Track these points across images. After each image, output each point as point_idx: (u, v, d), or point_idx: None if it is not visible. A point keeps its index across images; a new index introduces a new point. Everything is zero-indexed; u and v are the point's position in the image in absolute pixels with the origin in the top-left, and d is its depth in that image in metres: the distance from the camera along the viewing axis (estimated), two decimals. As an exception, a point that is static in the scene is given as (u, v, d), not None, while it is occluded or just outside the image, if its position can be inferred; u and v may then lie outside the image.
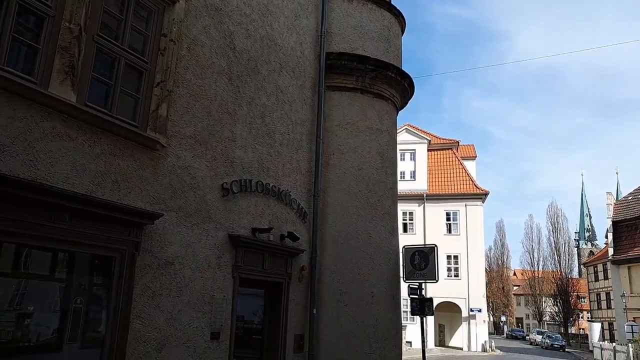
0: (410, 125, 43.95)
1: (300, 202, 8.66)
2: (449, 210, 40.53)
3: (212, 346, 6.52)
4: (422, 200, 40.80)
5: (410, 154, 43.26)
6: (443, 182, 41.93)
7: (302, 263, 8.49)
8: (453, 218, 40.33)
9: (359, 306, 8.91)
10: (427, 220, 40.39)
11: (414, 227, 40.73)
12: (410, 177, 42.60)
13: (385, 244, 9.56)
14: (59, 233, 4.78)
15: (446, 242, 39.09)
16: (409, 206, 41.15)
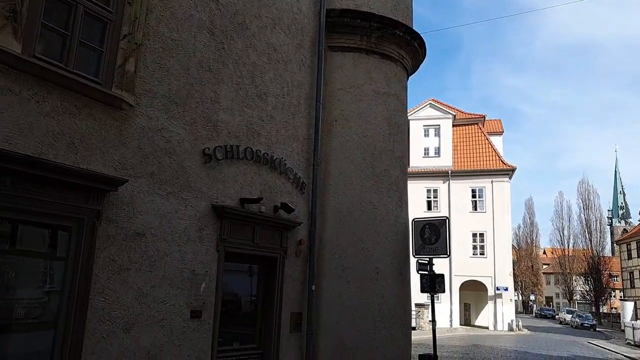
0: (435, 100, 42.60)
1: (298, 171, 7.99)
2: (474, 187, 39.27)
3: (193, 326, 5.98)
4: (447, 177, 39.61)
5: (435, 130, 41.99)
6: (468, 158, 40.61)
7: (300, 237, 7.86)
8: (479, 195, 39.07)
9: (362, 282, 8.26)
10: (452, 198, 39.27)
11: (438, 204, 39.67)
12: (434, 154, 41.45)
13: (392, 217, 8.84)
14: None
15: (472, 220, 38.11)
16: (433, 183, 40.12)
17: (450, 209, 38.81)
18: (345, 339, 7.99)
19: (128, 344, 5.23)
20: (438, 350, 19.33)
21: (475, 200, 38.95)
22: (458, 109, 43.57)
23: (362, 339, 8.05)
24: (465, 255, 37.87)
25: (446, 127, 41.57)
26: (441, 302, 37.76)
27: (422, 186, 40.22)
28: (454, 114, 41.96)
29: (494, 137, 42.79)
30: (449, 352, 18.58)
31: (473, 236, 38.30)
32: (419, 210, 39.43)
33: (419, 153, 41.31)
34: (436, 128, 41.85)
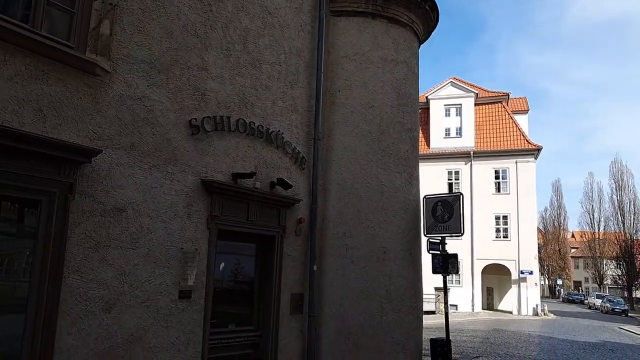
0: (456, 78, 41.50)
1: (297, 146, 7.54)
2: (497, 168, 38.22)
3: (182, 306, 5.63)
4: (469, 157, 38.64)
5: (456, 109, 40.91)
6: (492, 138, 39.51)
7: (300, 215, 7.44)
8: (502, 176, 38.02)
9: (368, 263, 7.81)
10: (474, 179, 38.34)
11: (460, 186, 38.72)
12: (456, 134, 40.42)
13: (401, 194, 8.34)
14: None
15: (495, 202, 37.18)
16: (455, 165, 39.24)
17: (473, 191, 37.96)
18: (349, 321, 7.58)
19: (109, 324, 4.92)
20: (458, 334, 18.92)
21: (498, 182, 37.92)
22: (480, 87, 42.32)
23: (368, 322, 7.63)
24: (488, 238, 37.04)
25: (468, 106, 40.46)
26: (462, 286, 37.18)
27: (443, 168, 39.40)
28: (476, 92, 40.77)
29: (519, 116, 41.56)
30: (468, 337, 18.08)
31: (496, 219, 37.36)
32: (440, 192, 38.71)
33: (440, 134, 40.37)
34: (457, 107, 40.76)
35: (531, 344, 16.52)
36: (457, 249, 37.22)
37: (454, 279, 37.54)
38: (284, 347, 6.96)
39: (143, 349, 5.19)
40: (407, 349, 7.90)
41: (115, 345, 4.94)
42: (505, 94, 41.76)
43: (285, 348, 6.97)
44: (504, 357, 13.32)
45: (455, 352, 13.74)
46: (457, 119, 40.69)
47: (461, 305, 36.77)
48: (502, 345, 15.74)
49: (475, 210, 37.60)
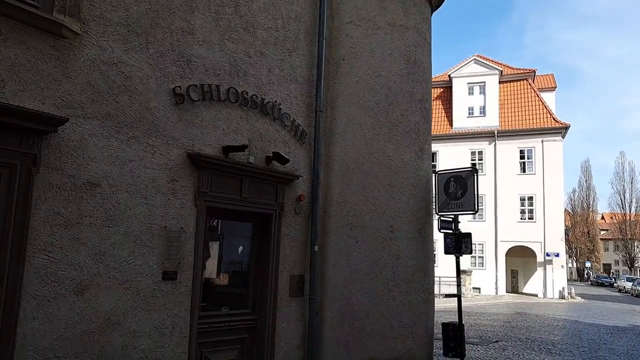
0: (480, 56, 40.16)
1: (296, 118, 7.03)
2: (523, 148, 37.07)
3: (166, 288, 5.25)
4: (493, 137, 37.57)
5: (480, 88, 39.73)
6: (517, 117, 38.25)
7: (299, 192, 6.96)
8: (528, 156, 36.86)
9: (374, 243, 7.32)
10: (498, 159, 37.32)
11: (483, 167, 37.79)
12: (479, 113, 39.32)
13: (410, 169, 7.78)
14: None
15: (520, 183, 36.16)
16: (478, 145, 38.23)
17: (497, 172, 36.98)
18: (354, 304, 7.13)
19: (81, 308, 4.56)
20: (478, 318, 18.36)
21: (523, 162, 36.81)
22: (505, 64, 40.92)
23: (374, 305, 7.16)
24: (512, 220, 36.11)
25: (492, 84, 39.22)
26: (486, 268, 36.46)
27: (466, 148, 38.43)
28: (500, 69, 39.44)
29: (546, 94, 40.11)
30: (489, 320, 17.50)
31: (521, 200, 36.36)
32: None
33: (463, 113, 39.32)
34: (481, 85, 39.57)
35: (555, 328, 15.87)
36: (481, 231, 36.66)
37: (477, 262, 36.89)
38: (282, 331, 6.56)
39: (121, 334, 4.83)
40: (416, 334, 7.42)
41: (88, 330, 4.59)
42: (531, 70, 40.26)
43: (283, 332, 6.57)
44: (525, 342, 12.74)
45: (475, 336, 13.24)
46: (481, 98, 39.57)
47: (484, 288, 36.08)
48: (524, 329, 15.13)
49: (500, 192, 36.68)
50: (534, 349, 11.71)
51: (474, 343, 12.28)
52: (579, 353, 11.42)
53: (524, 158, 36.85)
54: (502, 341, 12.80)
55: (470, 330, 14.52)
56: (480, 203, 37.29)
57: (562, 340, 13.25)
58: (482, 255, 36.99)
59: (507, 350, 11.51)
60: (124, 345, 4.84)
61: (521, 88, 39.51)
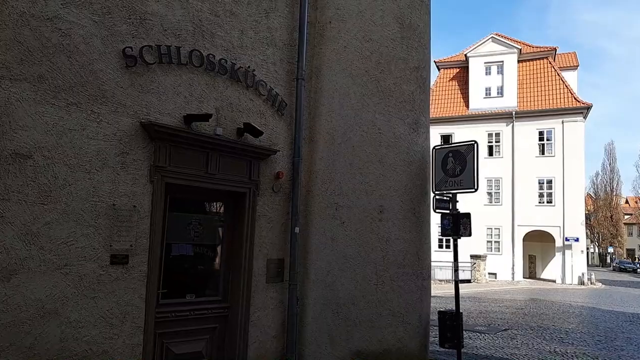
0: (497, 34, 38.73)
1: (275, 86, 6.37)
2: (542, 129, 35.79)
3: (115, 274, 4.70)
4: (511, 118, 36.36)
5: (498, 67, 38.41)
6: (536, 97, 36.90)
7: (278, 169, 6.33)
8: (547, 137, 35.58)
9: (361, 224, 6.68)
10: (515, 141, 36.15)
11: (500, 149, 36.72)
12: (497, 94, 38.07)
13: (404, 143, 7.09)
14: None
15: (538, 165, 34.98)
16: (495, 126, 37.08)
17: (514, 154, 35.85)
18: (339, 291, 6.52)
19: (8, 295, 4.03)
20: (490, 304, 17.64)
21: (542, 144, 35.56)
22: (524, 42, 39.45)
23: (360, 292, 6.55)
24: (530, 203, 35.03)
25: (510, 63, 37.86)
26: (502, 253, 35.55)
27: (483, 130, 37.31)
28: (519, 47, 38.00)
29: (567, 73, 38.60)
30: (501, 307, 16.78)
31: (539, 183, 35.21)
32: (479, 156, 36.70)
33: (480, 94, 38.13)
34: (499, 65, 38.24)
35: (570, 315, 15.09)
36: (497, 215, 35.63)
37: (493, 247, 36.01)
38: (257, 320, 5.98)
39: (60, 324, 4.30)
40: (409, 323, 6.80)
41: (18, 320, 4.06)
42: (551, 48, 38.74)
43: (259, 321, 6.00)
44: (536, 330, 12.03)
45: (483, 324, 12.58)
46: (499, 77, 38.29)
47: (501, 274, 35.22)
48: (537, 317, 14.39)
49: (517, 174, 35.58)
50: (545, 338, 11.00)
51: (481, 331, 11.62)
52: (594, 342, 10.68)
53: (543, 140, 35.60)
54: (512, 329, 12.11)
55: (480, 318, 13.85)
56: (497, 186, 36.32)
57: (577, 329, 12.49)
58: (499, 240, 36.08)
59: (516, 339, 10.83)
60: (62, 337, 4.31)
61: (541, 67, 38.07)
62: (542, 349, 9.80)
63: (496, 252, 36.01)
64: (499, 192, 36.34)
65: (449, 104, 39.57)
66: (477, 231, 35.92)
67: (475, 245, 34.60)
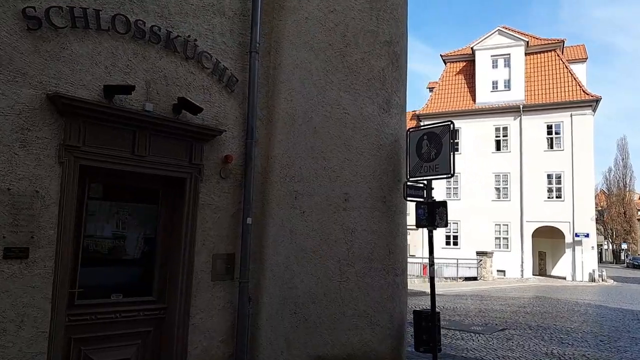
0: (504, 27, 37.74)
1: (223, 60, 5.67)
2: (550, 122, 34.78)
3: (10, 270, 4.03)
4: (519, 112, 35.40)
5: (504, 60, 37.47)
6: (544, 90, 35.87)
7: (227, 151, 5.63)
8: (556, 131, 34.57)
9: (324, 214, 5.97)
10: (523, 135, 35.20)
11: (508, 143, 35.77)
12: (504, 87, 37.14)
13: (373, 125, 6.36)
14: None
15: (547, 160, 34.00)
16: (502, 120, 36.15)
17: (522, 148, 34.89)
18: (297, 289, 5.81)
19: None
20: (492, 302, 16.82)
21: (551, 137, 34.54)
22: (532, 35, 38.39)
23: (322, 290, 5.84)
24: (539, 198, 34.06)
25: (517, 55, 36.89)
26: (511, 250, 34.62)
27: (490, 124, 36.42)
28: (526, 40, 37.00)
29: (576, 65, 37.49)
30: (502, 305, 15.94)
31: (548, 177, 34.23)
32: (486, 150, 35.77)
33: (487, 87, 37.21)
34: (506, 58, 37.30)
35: (575, 314, 14.23)
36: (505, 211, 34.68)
37: (502, 243, 35.07)
38: (200, 322, 5.29)
39: None
40: (377, 324, 6.07)
41: None
42: (559, 40, 37.67)
43: (202, 324, 5.30)
44: (535, 330, 11.22)
45: (480, 323, 11.82)
46: (506, 71, 37.36)
47: (510, 271, 34.29)
48: (539, 315, 13.56)
49: (525, 169, 34.61)
50: (543, 338, 10.20)
51: (476, 332, 10.84)
52: (595, 343, 9.85)
53: (551, 133, 34.59)
54: (510, 329, 11.31)
55: (478, 317, 13.06)
56: (505, 181, 35.39)
57: (579, 328, 11.66)
58: (507, 236, 35.15)
59: (512, 339, 10.04)
60: (-61, 344, 3.66)
61: (549, 59, 37.03)
62: (538, 350, 9.01)
63: (505, 249, 35.08)
64: (507, 188, 35.43)
65: (455, 98, 38.69)
66: (485, 227, 35.04)
67: (483, 242, 33.74)
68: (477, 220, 35.29)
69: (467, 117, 37.17)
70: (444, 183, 36.68)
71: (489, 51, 37.78)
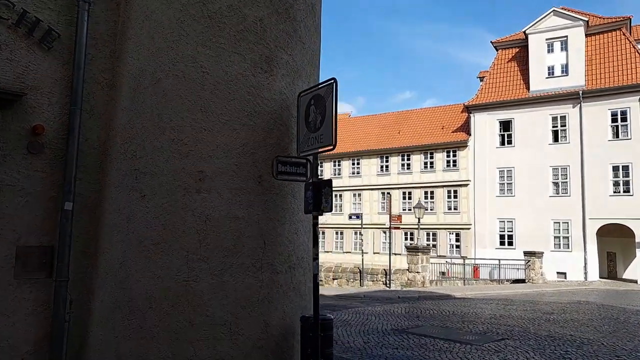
0: (560, 7, 34.53)
1: (36, 10, 4.72)
2: (615, 109, 31.31)
3: None
4: (578, 99, 32.18)
5: (561, 43, 34.30)
6: (607, 74, 32.39)
7: (38, 121, 4.65)
8: (621, 118, 31.02)
9: (169, 197, 4.82)
10: (584, 124, 31.93)
11: (566, 134, 32.61)
12: (561, 73, 33.99)
13: (243, 87, 5.13)
14: None
15: (611, 150, 30.62)
16: (560, 109, 33.06)
17: (583, 139, 31.61)
18: (132, 289, 4.70)
19: None
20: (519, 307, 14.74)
21: (616, 125, 31.05)
22: (592, 14, 34.90)
23: (162, 291, 4.67)
24: (603, 193, 30.68)
25: (576, 37, 33.61)
26: (572, 250, 31.44)
27: (547, 114, 33.40)
28: (586, 19, 33.60)
29: (645, 45, 33.53)
30: (525, 311, 13.84)
31: (614, 170, 30.77)
32: (542, 142, 32.75)
33: (541, 74, 34.22)
34: (563, 41, 34.11)
35: (607, 323, 11.96)
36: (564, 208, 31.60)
37: (562, 243, 31.87)
38: (-6, 330, 4.34)
39: None
40: (242, 334, 4.81)
41: None
42: (624, 18, 33.92)
43: (-2, 332, 4.35)
44: (540, 341, 9.34)
45: (477, 332, 10.18)
46: (563, 55, 34.19)
47: (571, 273, 31.13)
48: (560, 323, 11.49)
49: (587, 161, 31.33)
50: (543, 352, 8.38)
51: (464, 341, 9.18)
52: None
53: (616, 121, 31.08)
54: (510, 339, 9.52)
55: (483, 324, 11.27)
56: (564, 175, 32.26)
57: (599, 340, 9.60)
58: (568, 235, 31.98)
59: (501, 353, 8.33)
60: None
61: (612, 40, 33.44)
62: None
63: (565, 249, 31.95)
64: (567, 182, 32.29)
65: (507, 87, 35.95)
66: (542, 225, 32.01)
67: (540, 242, 30.87)
68: (533, 218, 32.38)
69: (521, 107, 34.43)
70: (496, 178, 34.11)
71: (543, 34, 34.74)
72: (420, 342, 9.15)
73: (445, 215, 36.35)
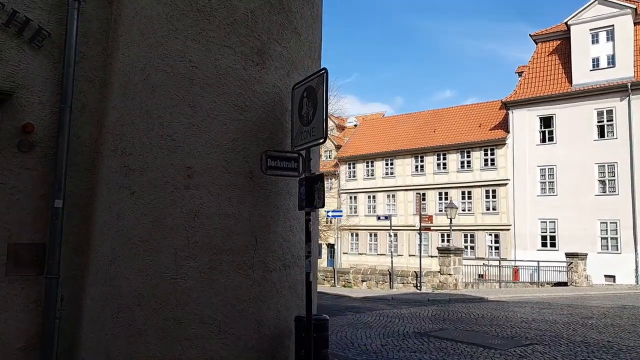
0: (606, -5, 33.00)
1: (27, 10, 4.77)
2: (666, 101, 29.62)
3: None
4: (626, 91, 30.67)
5: (607, 33, 32.76)
6: (658, 64, 30.68)
7: (28, 119, 4.68)
8: (674, 111, 29.34)
9: (158, 193, 4.76)
10: (633, 119, 30.38)
11: (614, 129, 31.13)
12: (607, 64, 32.45)
13: (233, 81, 5.02)
14: None
15: (664, 146, 28.91)
16: (606, 102, 31.59)
17: (632, 135, 30.08)
18: (122, 287, 4.67)
19: None
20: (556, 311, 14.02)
21: (668, 119, 29.33)
22: (640, 1, 33.14)
23: (150, 289, 4.62)
24: (650, 193, 29.04)
25: (623, 26, 32.04)
26: (621, 252, 29.93)
27: (591, 108, 31.96)
28: (634, 7, 31.97)
29: (703, 30, 31.64)
30: (562, 315, 13.17)
31: (667, 166, 29.07)
32: (587, 138, 31.32)
33: (585, 66, 32.76)
34: (609, 30, 32.56)
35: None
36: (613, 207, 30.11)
37: (610, 244, 30.37)
38: (-16, 327, 4.38)
39: None
40: (232, 333, 4.69)
41: None
42: (677, 3, 31.99)
43: (-13, 329, 4.39)
44: (572, 347, 8.81)
45: (505, 336, 9.76)
46: (609, 45, 32.63)
47: (621, 277, 29.60)
48: (598, 329, 10.84)
49: (637, 157, 29.81)
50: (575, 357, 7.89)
51: (489, 346, 8.77)
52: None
53: (668, 114, 29.39)
54: (540, 344, 9.03)
55: (512, 327, 10.77)
56: (611, 173, 30.76)
57: (636, 347, 8.97)
58: (616, 236, 30.46)
59: (528, 358, 7.90)
60: None
61: (665, 26, 31.64)
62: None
63: (614, 251, 30.42)
64: (614, 180, 30.78)
65: (547, 82, 34.62)
66: (588, 226, 30.58)
67: (585, 243, 29.49)
68: (578, 218, 30.98)
69: (562, 102, 33.10)
70: (537, 177, 32.88)
71: (587, 25, 33.26)
72: (440, 345, 8.80)
73: (484, 215, 35.33)
